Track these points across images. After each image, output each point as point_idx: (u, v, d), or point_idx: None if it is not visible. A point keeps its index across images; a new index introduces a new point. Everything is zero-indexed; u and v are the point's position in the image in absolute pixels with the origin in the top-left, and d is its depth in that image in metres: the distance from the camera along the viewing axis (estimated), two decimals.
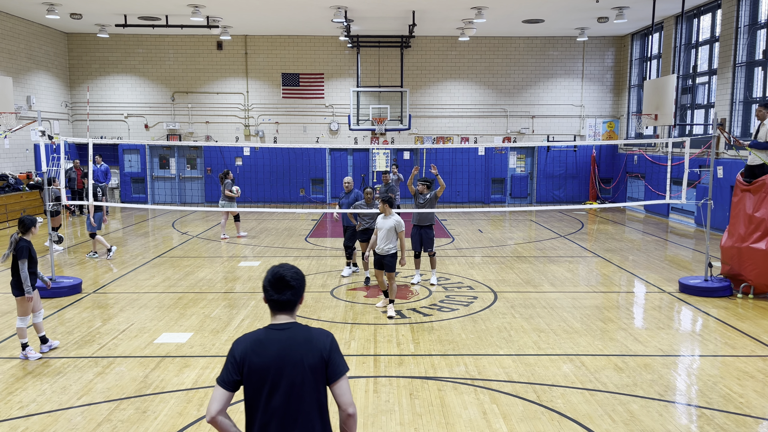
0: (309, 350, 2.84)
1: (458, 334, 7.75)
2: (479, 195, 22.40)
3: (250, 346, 2.85)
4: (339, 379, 2.86)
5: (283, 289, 2.89)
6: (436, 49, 22.34)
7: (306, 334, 2.90)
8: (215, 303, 9.19)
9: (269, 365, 2.81)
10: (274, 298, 2.90)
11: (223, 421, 2.83)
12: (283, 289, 2.89)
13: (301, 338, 2.87)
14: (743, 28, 15.34)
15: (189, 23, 19.22)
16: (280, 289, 2.89)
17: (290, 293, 2.90)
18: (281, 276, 2.90)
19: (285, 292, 2.89)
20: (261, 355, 2.82)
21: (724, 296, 9.54)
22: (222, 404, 2.81)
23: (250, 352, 2.83)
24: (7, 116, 13.67)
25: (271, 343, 2.84)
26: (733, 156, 15.08)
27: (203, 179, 22.58)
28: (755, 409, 5.68)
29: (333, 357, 2.87)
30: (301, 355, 2.82)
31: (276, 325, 2.91)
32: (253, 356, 2.82)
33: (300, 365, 2.81)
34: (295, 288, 2.91)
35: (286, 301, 2.91)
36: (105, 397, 5.87)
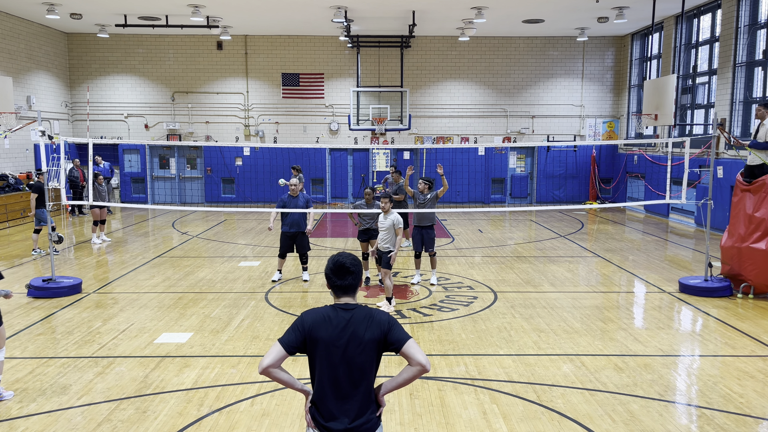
0: (370, 326, 3.21)
1: (458, 334, 7.75)
2: (479, 195, 22.40)
3: (319, 320, 3.22)
4: (404, 343, 3.20)
5: (345, 275, 3.27)
6: (436, 49, 22.34)
7: (368, 312, 3.27)
8: (215, 303, 9.19)
9: (333, 339, 3.18)
10: (338, 283, 3.29)
11: (274, 371, 3.18)
12: (345, 275, 3.27)
13: (363, 316, 3.24)
14: (743, 28, 15.34)
15: (189, 23, 19.22)
16: (343, 275, 3.28)
17: (351, 278, 3.29)
18: (342, 263, 3.28)
19: (347, 277, 3.28)
20: (327, 330, 3.19)
21: (724, 296, 9.54)
22: (275, 360, 3.16)
23: (318, 325, 3.20)
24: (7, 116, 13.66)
25: (339, 320, 3.22)
26: (733, 156, 15.08)
27: (203, 179, 22.58)
28: (755, 409, 5.68)
29: (392, 329, 3.23)
30: (364, 330, 3.20)
31: (341, 305, 3.28)
32: (321, 330, 3.19)
33: (361, 340, 3.19)
34: (354, 273, 3.30)
35: (349, 285, 3.29)
36: (105, 397, 5.87)
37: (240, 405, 5.71)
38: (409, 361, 3.21)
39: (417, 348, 3.23)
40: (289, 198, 10.31)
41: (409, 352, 3.19)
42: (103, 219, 14.08)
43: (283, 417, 5.47)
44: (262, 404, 5.73)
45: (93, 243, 14.00)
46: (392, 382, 3.31)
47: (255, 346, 7.28)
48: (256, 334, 7.75)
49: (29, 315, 8.52)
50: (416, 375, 3.22)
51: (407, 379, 3.25)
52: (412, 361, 3.20)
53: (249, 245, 14.10)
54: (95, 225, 14.00)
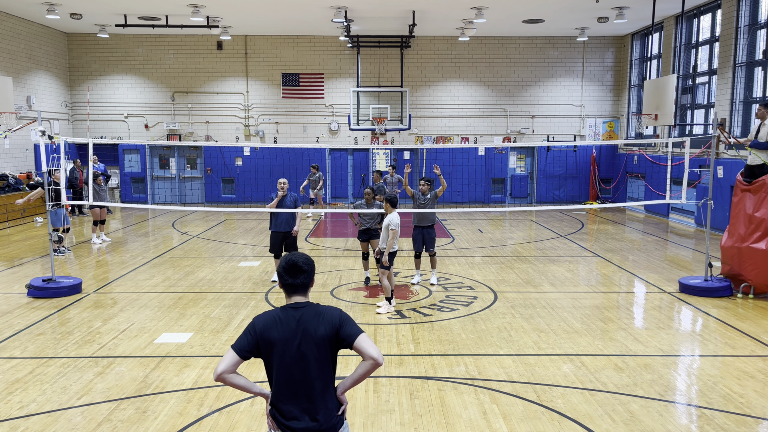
0: (321, 323, 3.22)
1: (458, 334, 7.75)
2: (479, 195, 22.40)
3: (269, 322, 3.23)
4: (356, 338, 3.21)
5: (297, 273, 3.28)
6: (436, 49, 22.34)
7: (318, 309, 3.29)
8: (215, 303, 9.19)
9: (286, 339, 3.19)
10: (289, 282, 3.29)
11: (229, 377, 3.19)
12: (297, 274, 3.28)
13: (314, 314, 3.26)
14: (743, 28, 15.34)
15: (189, 23, 19.22)
16: (295, 273, 3.28)
17: (303, 276, 3.29)
18: (294, 262, 3.29)
19: (299, 276, 3.28)
20: (279, 331, 3.20)
21: (724, 296, 9.54)
22: (229, 366, 3.17)
23: (269, 327, 3.22)
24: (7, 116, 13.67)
25: (288, 319, 3.23)
26: (733, 156, 15.08)
27: (203, 179, 22.58)
28: (755, 409, 5.68)
29: (344, 324, 3.24)
30: (315, 327, 3.21)
31: (292, 305, 3.29)
32: (272, 331, 3.20)
33: (313, 337, 3.20)
34: (306, 272, 3.30)
35: (300, 284, 3.30)
36: (105, 397, 5.87)
37: (240, 405, 5.71)
38: (363, 356, 3.21)
39: (369, 342, 3.23)
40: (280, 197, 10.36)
41: (361, 347, 3.20)
42: (103, 219, 14.10)
43: None
44: (262, 404, 5.73)
45: (93, 243, 14.01)
46: (348, 379, 3.32)
47: None
48: None
49: (29, 315, 8.52)
50: (370, 369, 3.22)
51: (361, 374, 3.25)
52: (365, 355, 3.20)
53: (249, 245, 14.10)
54: (95, 225, 14.01)
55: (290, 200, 10.36)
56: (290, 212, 10.28)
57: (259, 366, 6.65)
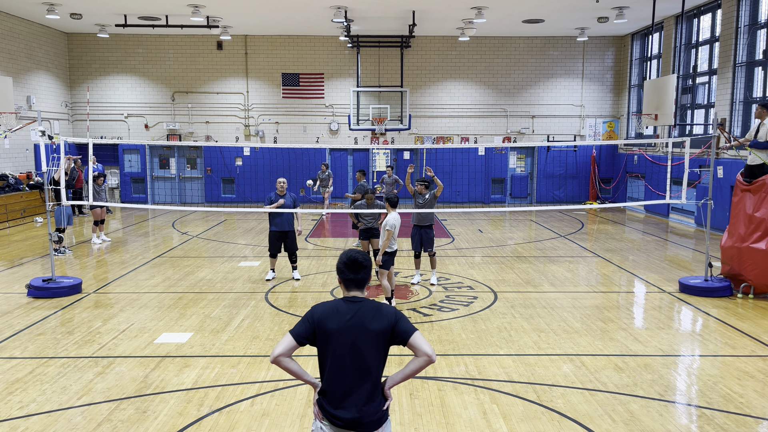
0: (377, 317, 3.32)
1: (458, 334, 7.75)
2: (479, 195, 22.40)
3: (328, 312, 3.34)
4: (411, 335, 3.31)
5: (358, 269, 3.40)
6: (436, 49, 22.34)
7: (376, 305, 3.39)
8: (215, 303, 9.19)
9: (342, 329, 3.28)
10: (350, 277, 3.41)
11: (285, 360, 3.30)
12: (359, 270, 3.40)
13: (371, 308, 3.36)
14: (743, 28, 15.34)
15: (189, 23, 19.22)
16: (356, 269, 3.40)
17: (363, 272, 3.42)
18: (355, 258, 3.41)
19: (360, 271, 3.40)
20: (336, 321, 3.30)
21: (724, 296, 9.54)
22: (285, 350, 3.28)
23: (327, 317, 3.32)
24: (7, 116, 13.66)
25: (346, 311, 3.33)
26: (733, 156, 15.08)
27: (203, 179, 22.58)
28: (755, 409, 5.68)
29: (400, 321, 3.34)
30: (371, 321, 3.30)
31: (350, 298, 3.41)
32: (329, 321, 3.31)
33: (369, 331, 3.29)
34: (366, 267, 3.43)
35: (361, 279, 3.42)
36: (105, 397, 5.87)
37: (240, 405, 5.71)
38: (416, 353, 3.31)
39: (423, 339, 3.33)
40: (277, 197, 10.41)
41: (416, 344, 3.29)
42: (103, 219, 14.10)
43: (283, 417, 5.47)
44: (262, 404, 5.73)
45: (93, 243, 14.01)
46: (399, 374, 3.40)
47: (255, 346, 7.28)
48: (256, 334, 7.75)
49: (29, 315, 8.52)
50: (423, 366, 3.31)
51: (414, 369, 3.33)
52: (419, 351, 3.29)
53: (249, 245, 14.10)
54: (95, 225, 14.01)
55: (289, 200, 10.41)
56: (289, 212, 10.33)
57: (260, 366, 6.65)
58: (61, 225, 12.53)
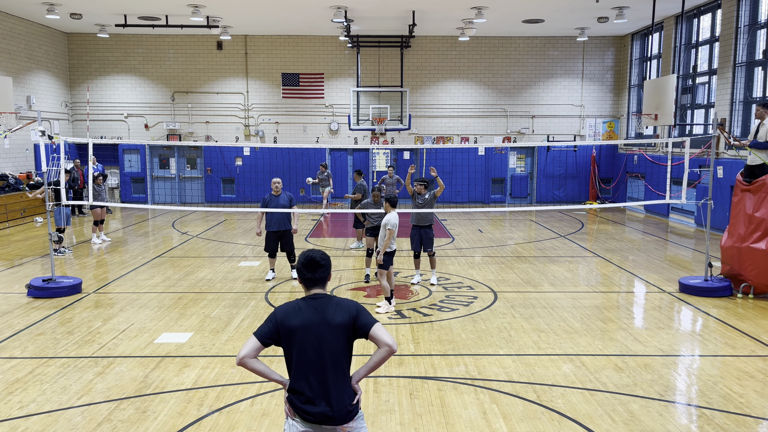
0: (338, 311, 3.41)
1: (458, 334, 7.75)
2: (479, 195, 22.40)
3: (290, 310, 3.44)
4: (372, 327, 3.40)
5: (315, 268, 3.48)
6: (436, 49, 22.34)
7: (336, 300, 3.49)
8: (215, 303, 9.19)
9: (305, 326, 3.37)
10: (308, 276, 3.49)
11: (250, 362, 3.37)
12: (316, 269, 3.48)
13: (332, 303, 3.46)
14: (743, 28, 15.34)
15: (189, 23, 19.22)
16: (313, 269, 3.48)
17: (321, 271, 3.50)
18: (312, 257, 3.50)
19: (317, 270, 3.49)
20: (298, 318, 3.39)
21: (724, 296, 9.54)
22: (250, 352, 3.36)
23: (289, 315, 3.41)
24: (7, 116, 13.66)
25: (308, 308, 3.43)
26: (733, 156, 15.08)
27: (203, 179, 22.58)
28: (755, 409, 5.68)
29: (360, 314, 3.44)
30: (332, 316, 3.40)
31: (311, 296, 3.49)
32: (292, 319, 3.39)
33: (331, 324, 3.38)
34: (324, 266, 3.51)
35: (319, 278, 3.50)
36: (105, 397, 5.87)
37: (240, 405, 5.72)
38: (378, 344, 3.40)
39: (383, 330, 3.42)
40: (271, 197, 10.37)
41: (376, 335, 3.39)
42: (103, 219, 14.11)
43: (283, 417, 5.46)
44: (262, 404, 5.73)
45: (93, 243, 14.01)
46: (363, 367, 3.50)
47: None
48: None
49: (29, 315, 8.52)
50: (385, 356, 3.40)
51: (377, 361, 3.43)
52: (380, 342, 3.39)
53: (249, 245, 14.10)
54: (95, 225, 14.02)
55: (285, 199, 10.38)
56: (284, 212, 10.30)
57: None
58: (61, 225, 12.54)
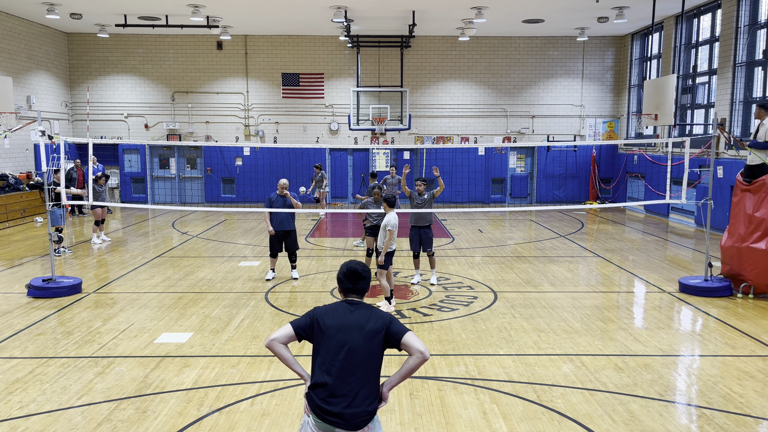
0: (372, 318, 3.54)
1: (458, 334, 7.75)
2: (479, 195, 22.40)
3: (329, 309, 3.59)
4: (404, 335, 3.49)
5: (357, 280, 3.65)
6: (436, 49, 22.34)
7: (372, 308, 3.63)
8: (215, 303, 9.19)
9: (339, 325, 3.49)
10: (349, 286, 3.65)
11: (278, 346, 3.51)
12: (358, 280, 3.65)
13: (368, 309, 3.60)
14: (743, 28, 15.34)
15: (189, 23, 19.22)
16: (356, 280, 3.64)
17: (362, 282, 3.66)
18: (355, 269, 3.66)
19: (359, 282, 3.65)
20: (334, 318, 3.53)
21: (724, 296, 9.54)
22: (282, 338, 3.51)
23: (326, 313, 3.56)
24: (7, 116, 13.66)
25: (345, 310, 3.57)
26: (733, 156, 15.09)
27: (203, 179, 22.58)
28: (755, 409, 5.68)
29: (393, 323, 3.55)
30: (366, 321, 3.51)
31: (350, 300, 3.64)
32: (328, 317, 3.54)
33: (362, 330, 3.48)
34: (366, 278, 3.67)
35: (360, 288, 3.67)
36: (105, 397, 5.87)
37: (240, 405, 5.72)
38: (410, 351, 3.46)
39: (415, 338, 3.51)
40: (277, 197, 10.46)
41: (409, 342, 3.46)
42: (103, 219, 14.11)
43: (283, 417, 5.47)
44: (262, 404, 5.73)
45: (93, 243, 14.01)
46: (396, 375, 3.53)
47: (255, 346, 7.28)
48: (256, 334, 7.75)
49: (29, 315, 8.52)
50: (418, 363, 3.45)
51: (410, 368, 3.47)
52: (412, 349, 3.45)
53: (249, 245, 14.10)
54: (96, 225, 14.02)
55: (288, 199, 10.46)
56: (288, 212, 10.39)
57: (260, 366, 6.65)
58: (60, 224, 12.53)
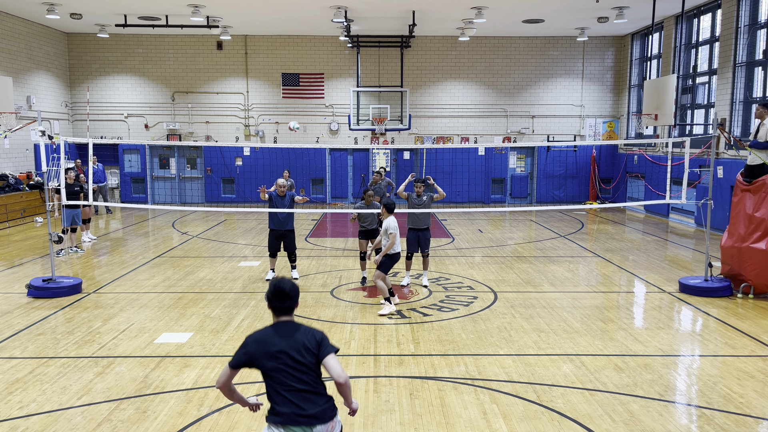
0: (305, 336, 3.67)
1: (458, 334, 7.75)
2: (479, 195, 22.40)
3: (262, 338, 3.69)
4: (327, 355, 3.64)
5: (284, 299, 3.71)
6: (436, 49, 22.34)
7: (302, 326, 3.75)
8: (215, 303, 9.19)
9: (278, 351, 3.61)
10: (277, 305, 3.73)
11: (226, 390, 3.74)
12: (284, 299, 3.71)
13: (299, 329, 3.71)
14: (743, 28, 15.34)
15: (189, 23, 19.22)
16: (282, 299, 3.71)
17: (289, 302, 3.73)
18: (281, 289, 3.70)
19: (285, 301, 3.72)
20: (270, 344, 3.64)
21: (724, 296, 9.54)
22: (227, 379, 3.71)
23: (261, 343, 3.66)
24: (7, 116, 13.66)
25: (278, 334, 3.67)
26: (733, 156, 15.09)
27: (203, 179, 22.58)
28: (755, 409, 5.68)
29: (324, 341, 3.70)
30: (301, 339, 3.65)
31: (280, 323, 3.75)
32: (265, 345, 3.64)
33: (300, 347, 3.63)
34: (292, 297, 3.73)
35: (287, 307, 3.74)
36: (105, 397, 5.87)
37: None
38: (329, 373, 3.62)
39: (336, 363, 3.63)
40: (277, 198, 10.52)
41: (328, 365, 3.62)
42: (89, 218, 14.13)
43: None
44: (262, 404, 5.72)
45: (82, 242, 13.92)
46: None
47: None
48: None
49: (29, 315, 8.52)
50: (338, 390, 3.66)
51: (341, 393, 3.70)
52: (330, 372, 3.61)
53: (249, 245, 14.10)
54: (83, 223, 13.84)
55: (288, 200, 10.49)
56: (287, 212, 10.43)
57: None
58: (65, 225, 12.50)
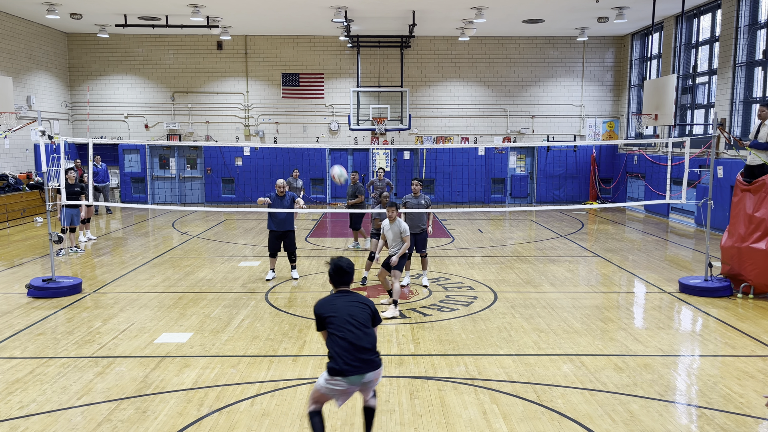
0: (363, 301, 4.77)
1: (458, 334, 7.75)
2: (479, 195, 22.40)
3: (325, 304, 4.68)
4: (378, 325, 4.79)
5: (344, 275, 4.77)
6: (436, 49, 22.35)
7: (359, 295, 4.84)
8: (215, 303, 9.19)
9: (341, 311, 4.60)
10: (338, 279, 4.77)
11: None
12: (344, 275, 4.77)
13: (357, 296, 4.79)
14: (743, 28, 15.34)
15: (189, 23, 19.22)
16: (342, 275, 4.75)
17: (347, 277, 4.78)
18: (341, 266, 4.74)
19: (344, 276, 4.77)
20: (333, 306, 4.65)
21: (724, 296, 9.54)
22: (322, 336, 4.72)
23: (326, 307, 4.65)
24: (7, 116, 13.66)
25: (339, 300, 4.71)
26: (733, 156, 15.09)
27: (203, 179, 22.58)
28: (755, 409, 5.68)
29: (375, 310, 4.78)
30: (360, 303, 4.72)
31: (341, 291, 4.79)
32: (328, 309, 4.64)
33: (360, 307, 4.69)
34: (349, 273, 4.78)
35: (345, 281, 4.79)
36: (105, 397, 5.87)
37: (240, 405, 5.72)
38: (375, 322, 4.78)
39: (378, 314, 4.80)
40: (276, 198, 10.49)
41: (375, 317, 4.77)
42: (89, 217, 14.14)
43: (283, 417, 5.47)
44: (262, 404, 5.73)
45: (80, 241, 13.93)
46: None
47: (255, 346, 7.28)
48: (256, 334, 7.75)
49: (29, 315, 8.52)
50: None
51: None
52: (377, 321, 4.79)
53: (249, 245, 14.10)
54: (82, 223, 13.88)
55: (288, 200, 10.49)
56: (288, 212, 10.42)
57: (260, 366, 6.66)
58: (64, 225, 12.50)
